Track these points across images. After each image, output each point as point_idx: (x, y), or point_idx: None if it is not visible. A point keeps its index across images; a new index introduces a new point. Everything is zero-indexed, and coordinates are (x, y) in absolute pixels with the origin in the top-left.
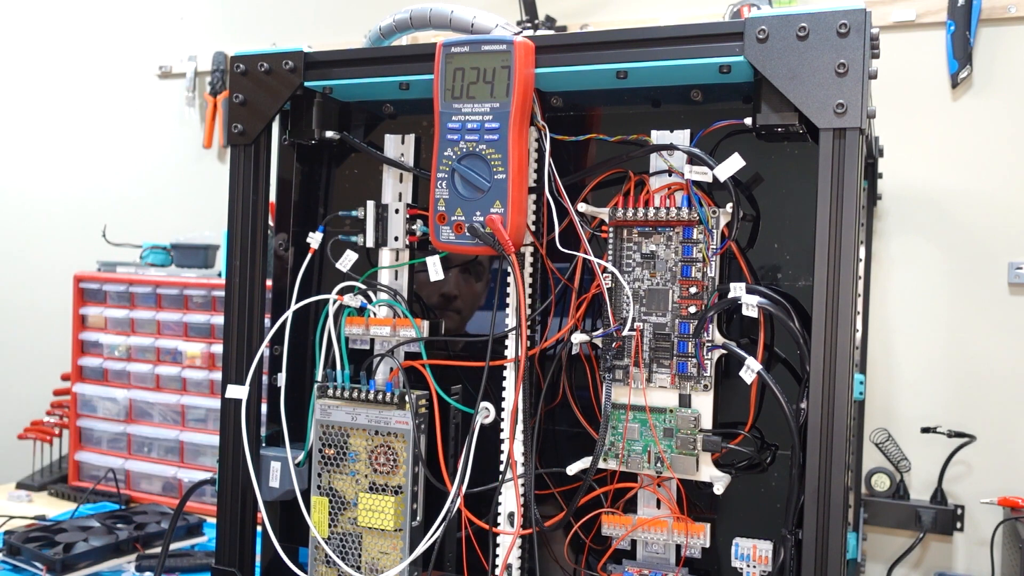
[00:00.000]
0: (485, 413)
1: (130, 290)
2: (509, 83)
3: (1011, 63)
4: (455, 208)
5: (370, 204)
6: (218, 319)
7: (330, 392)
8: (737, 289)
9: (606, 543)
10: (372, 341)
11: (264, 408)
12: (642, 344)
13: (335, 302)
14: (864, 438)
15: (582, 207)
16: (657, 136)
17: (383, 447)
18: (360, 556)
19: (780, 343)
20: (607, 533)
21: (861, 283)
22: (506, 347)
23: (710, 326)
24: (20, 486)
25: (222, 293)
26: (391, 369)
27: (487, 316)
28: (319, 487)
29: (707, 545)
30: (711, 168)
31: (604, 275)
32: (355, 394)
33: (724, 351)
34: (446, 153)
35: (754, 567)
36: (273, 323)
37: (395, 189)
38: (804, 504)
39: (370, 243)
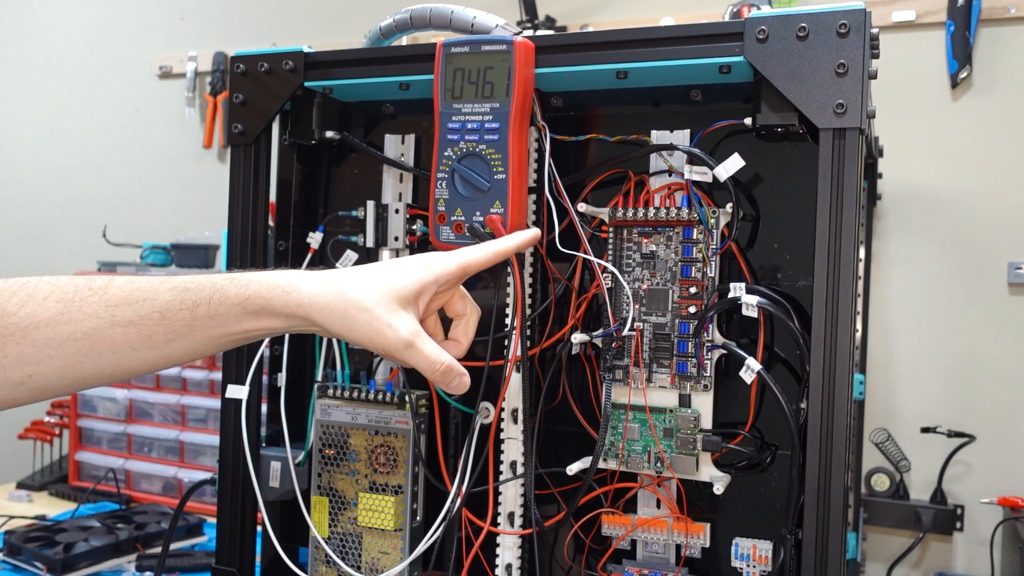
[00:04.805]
0: (485, 413)
1: None
2: (509, 83)
3: (1011, 63)
4: (455, 208)
5: (370, 204)
6: None
7: (330, 392)
8: (737, 289)
9: (606, 543)
10: None
11: (264, 408)
12: (642, 344)
13: None
14: (864, 438)
15: (582, 207)
16: (657, 136)
17: (383, 447)
18: (360, 556)
19: (780, 343)
20: (607, 533)
21: (861, 283)
22: (507, 347)
23: (710, 326)
24: (20, 486)
25: None
26: (391, 369)
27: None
28: (319, 487)
29: (707, 545)
30: (711, 168)
31: (604, 275)
32: (355, 394)
33: (724, 351)
34: (446, 153)
35: (754, 567)
36: None
37: (395, 189)
38: (804, 504)
39: (370, 243)
